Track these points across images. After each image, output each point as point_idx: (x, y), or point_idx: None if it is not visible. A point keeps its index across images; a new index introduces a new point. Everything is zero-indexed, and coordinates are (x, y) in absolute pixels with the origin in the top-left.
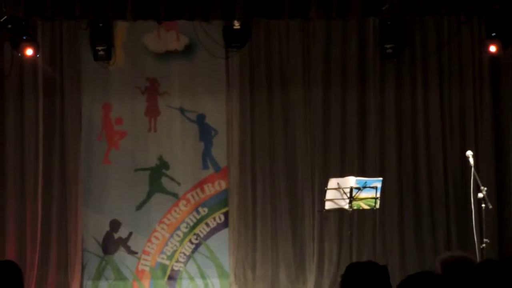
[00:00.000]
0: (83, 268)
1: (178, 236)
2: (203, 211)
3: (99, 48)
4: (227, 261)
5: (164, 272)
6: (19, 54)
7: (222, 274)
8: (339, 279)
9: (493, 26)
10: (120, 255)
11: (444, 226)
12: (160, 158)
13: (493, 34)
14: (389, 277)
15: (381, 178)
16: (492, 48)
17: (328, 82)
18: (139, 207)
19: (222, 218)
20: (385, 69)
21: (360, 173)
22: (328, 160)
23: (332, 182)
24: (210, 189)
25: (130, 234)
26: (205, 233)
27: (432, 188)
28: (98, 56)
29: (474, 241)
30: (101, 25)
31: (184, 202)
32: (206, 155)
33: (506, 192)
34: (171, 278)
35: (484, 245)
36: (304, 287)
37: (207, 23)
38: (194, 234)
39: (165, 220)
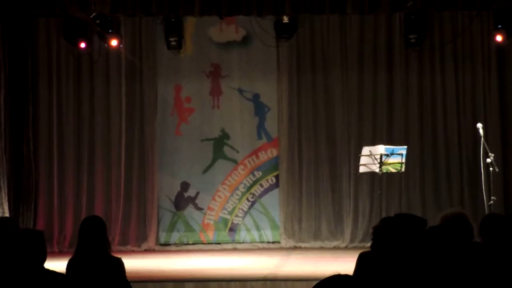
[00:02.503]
0: (158, 221)
1: (237, 195)
2: (258, 174)
3: (172, 39)
4: (278, 216)
5: (226, 225)
6: (106, 45)
7: (274, 226)
8: (371, 230)
9: (499, 19)
10: (189, 211)
11: (458, 187)
12: (222, 130)
13: (499, 26)
14: (417, 227)
15: (406, 146)
16: (499, 38)
17: (361, 66)
18: (205, 171)
19: (274, 180)
20: (409, 55)
21: (388, 142)
22: (362, 131)
23: (365, 150)
24: (264, 156)
25: (198, 193)
26: (259, 192)
27: (448, 154)
28: (171, 46)
29: (483, 199)
30: (173, 20)
31: (242, 166)
32: (260, 128)
33: (510, 158)
34: (231, 229)
35: (491, 202)
36: (341, 237)
37: (261, 18)
38: (251, 193)
39: (226, 181)
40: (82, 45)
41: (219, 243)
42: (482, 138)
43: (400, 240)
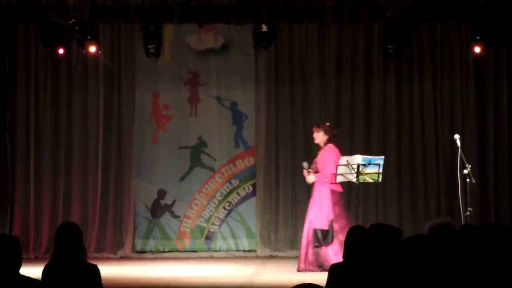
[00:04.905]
0: (135, 229)
1: (214, 203)
2: (235, 182)
3: (150, 46)
4: (254, 224)
5: (202, 233)
6: (84, 51)
7: (250, 235)
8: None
9: (477, 30)
10: (166, 218)
11: (435, 197)
12: (200, 138)
13: (478, 38)
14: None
15: (383, 157)
16: (477, 49)
17: (339, 76)
18: (182, 178)
19: (251, 188)
20: (387, 65)
21: (365, 152)
22: (339, 141)
23: (342, 159)
24: (241, 164)
25: (174, 201)
26: (236, 200)
27: (426, 165)
28: (149, 53)
29: (460, 209)
30: (152, 27)
31: (219, 175)
32: (238, 136)
33: (487, 169)
34: (207, 238)
35: (468, 213)
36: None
37: (240, 26)
38: (227, 201)
39: (203, 189)
40: (61, 51)
41: (195, 251)
42: (459, 149)
43: (374, 251)
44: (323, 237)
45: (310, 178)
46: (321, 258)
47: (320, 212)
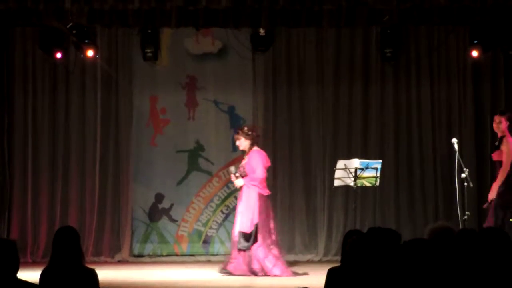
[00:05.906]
0: (132, 233)
1: (212, 207)
2: (233, 186)
3: (148, 50)
4: None
5: (200, 237)
6: (82, 55)
7: None
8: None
9: (475, 34)
10: (163, 222)
11: (433, 201)
12: (197, 142)
13: (475, 42)
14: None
15: (380, 161)
16: (474, 53)
17: (337, 80)
18: (180, 182)
19: None
20: (385, 69)
21: (363, 156)
22: (337, 145)
23: (340, 163)
24: None
25: (172, 205)
26: (234, 204)
27: (423, 169)
28: (147, 57)
29: (458, 214)
30: (149, 31)
31: (216, 179)
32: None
33: (485, 173)
34: (205, 242)
35: (465, 217)
36: (315, 251)
37: (237, 30)
38: (225, 205)
39: (201, 193)
40: (58, 55)
41: (193, 255)
42: (457, 153)
43: (373, 254)
44: (245, 240)
45: (239, 182)
46: (253, 264)
47: (247, 215)
